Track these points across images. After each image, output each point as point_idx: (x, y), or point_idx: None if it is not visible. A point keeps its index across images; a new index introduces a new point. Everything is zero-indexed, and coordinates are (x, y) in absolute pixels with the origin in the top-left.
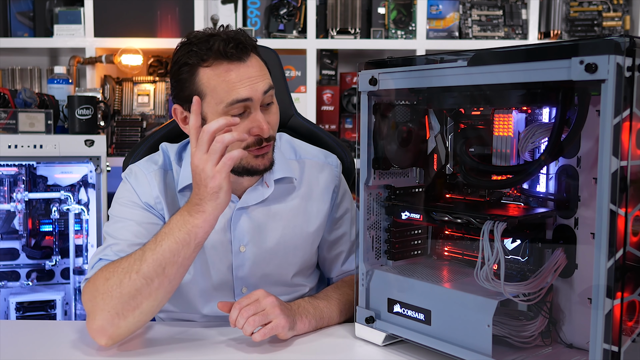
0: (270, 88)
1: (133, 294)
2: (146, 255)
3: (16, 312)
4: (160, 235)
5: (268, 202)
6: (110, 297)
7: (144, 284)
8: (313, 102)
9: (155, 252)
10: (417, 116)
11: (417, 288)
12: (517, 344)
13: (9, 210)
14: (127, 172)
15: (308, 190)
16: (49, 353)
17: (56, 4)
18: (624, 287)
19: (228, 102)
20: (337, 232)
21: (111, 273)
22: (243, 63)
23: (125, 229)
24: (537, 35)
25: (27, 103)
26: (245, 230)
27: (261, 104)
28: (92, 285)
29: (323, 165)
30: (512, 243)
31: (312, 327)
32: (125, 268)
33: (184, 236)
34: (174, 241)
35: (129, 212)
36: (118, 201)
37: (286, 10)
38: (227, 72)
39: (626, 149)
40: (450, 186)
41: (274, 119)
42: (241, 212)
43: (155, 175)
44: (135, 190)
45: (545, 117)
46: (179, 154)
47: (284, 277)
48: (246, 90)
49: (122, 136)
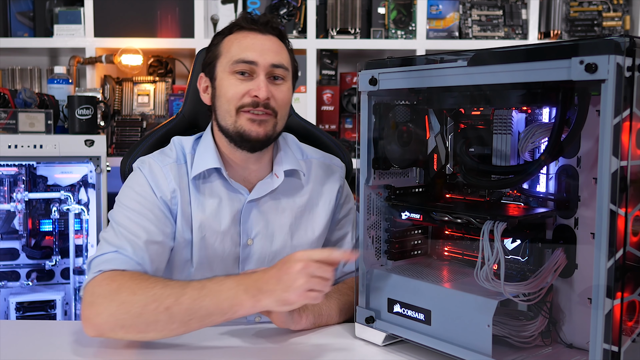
0: (281, 65)
1: (148, 323)
2: (183, 299)
3: (16, 312)
4: (207, 287)
5: (277, 195)
6: (127, 311)
7: (165, 321)
8: (313, 102)
9: (193, 302)
10: (417, 116)
11: (417, 288)
12: (517, 344)
13: (9, 210)
14: (139, 163)
15: (315, 189)
16: (49, 353)
17: (56, 4)
18: (624, 287)
19: (235, 59)
20: (340, 232)
21: (141, 290)
22: (262, 34)
23: (139, 224)
24: (537, 35)
25: (27, 103)
26: (253, 224)
27: (269, 74)
28: (115, 284)
29: (329, 166)
30: (512, 243)
31: (310, 323)
32: (157, 295)
33: (225, 307)
34: (214, 304)
35: (142, 205)
36: (131, 189)
37: (286, 10)
38: (244, 37)
39: (626, 149)
40: (450, 186)
41: (281, 95)
42: (252, 205)
43: (172, 168)
44: (150, 183)
45: (545, 117)
46: (194, 146)
47: None
48: (254, 54)
49: (122, 136)
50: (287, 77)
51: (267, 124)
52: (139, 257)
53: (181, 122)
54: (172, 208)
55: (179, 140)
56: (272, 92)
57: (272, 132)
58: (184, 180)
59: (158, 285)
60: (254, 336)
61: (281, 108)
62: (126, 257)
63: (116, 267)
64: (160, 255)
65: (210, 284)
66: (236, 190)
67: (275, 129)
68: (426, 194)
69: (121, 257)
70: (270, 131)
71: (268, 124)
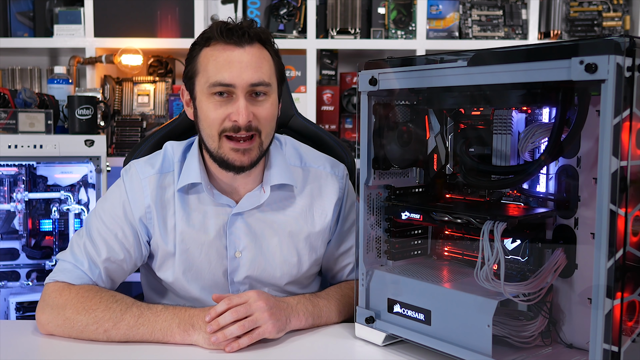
0: (261, 82)
1: (90, 338)
2: (121, 325)
3: (16, 312)
4: (144, 316)
5: (264, 209)
6: (71, 327)
7: (104, 339)
8: (313, 102)
9: (130, 329)
10: (417, 116)
11: (417, 288)
12: (517, 344)
13: (9, 210)
14: (126, 169)
15: (309, 200)
16: (49, 353)
17: (56, 4)
18: (624, 287)
19: (211, 82)
20: (345, 245)
21: (84, 310)
22: (240, 48)
23: (104, 240)
24: (537, 35)
25: (27, 103)
26: (240, 236)
27: (250, 93)
28: (62, 299)
29: (328, 176)
30: (512, 243)
31: (308, 324)
32: (98, 318)
33: (159, 337)
34: (148, 333)
35: (114, 220)
36: (111, 198)
37: (286, 10)
38: (221, 53)
39: (626, 149)
40: (450, 186)
41: (264, 112)
42: (237, 217)
43: (150, 181)
44: (128, 198)
45: (545, 117)
46: (184, 154)
47: (278, 285)
48: (231, 75)
49: (122, 136)
50: (270, 90)
51: (251, 152)
52: (94, 274)
53: (183, 123)
54: (147, 224)
55: (170, 147)
56: (253, 112)
57: (258, 154)
58: (168, 191)
59: (100, 307)
60: None
61: (265, 125)
62: (81, 271)
63: (69, 280)
64: (117, 272)
65: (148, 313)
66: (222, 202)
67: (261, 149)
68: (426, 194)
69: (77, 271)
70: (255, 156)
71: (252, 151)
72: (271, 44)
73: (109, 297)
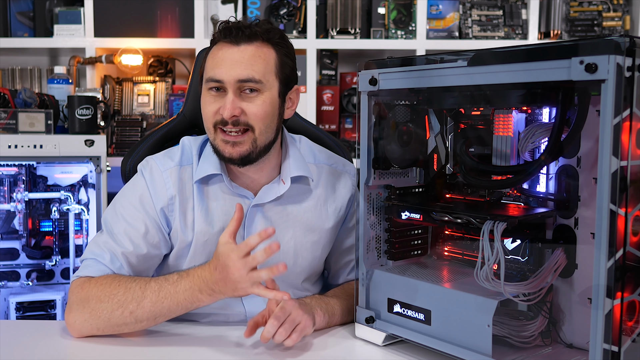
0: (251, 79)
1: (119, 325)
2: (144, 303)
3: (16, 312)
4: (164, 291)
5: (283, 201)
6: (98, 317)
7: (133, 322)
8: (313, 102)
9: (154, 305)
10: (417, 116)
11: (417, 288)
12: (517, 344)
13: (9, 210)
14: (143, 165)
15: (324, 195)
16: (49, 353)
17: (56, 4)
18: (624, 287)
19: (207, 77)
20: (349, 241)
21: (106, 297)
22: (236, 46)
23: (127, 235)
24: (537, 35)
25: (27, 103)
26: (258, 229)
27: (239, 89)
28: (84, 292)
29: (341, 174)
30: (512, 243)
31: (325, 322)
32: (121, 302)
33: (186, 304)
34: (175, 303)
35: (137, 215)
36: (129, 194)
37: (286, 10)
38: (218, 51)
39: (626, 149)
40: (450, 186)
41: (255, 109)
42: (256, 209)
43: (171, 173)
44: (149, 190)
45: (545, 117)
46: (201, 148)
47: (295, 281)
48: (221, 72)
49: (122, 136)
50: (263, 88)
51: (241, 145)
52: (115, 265)
53: (182, 122)
54: (169, 215)
55: (188, 141)
56: (243, 107)
57: (251, 149)
58: (187, 183)
59: (120, 291)
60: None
61: (257, 121)
62: (102, 264)
63: (90, 274)
64: (141, 264)
65: (166, 285)
66: (240, 194)
67: (256, 145)
68: (426, 194)
69: (98, 265)
70: (246, 151)
71: (243, 145)
72: (277, 43)
73: (126, 279)
